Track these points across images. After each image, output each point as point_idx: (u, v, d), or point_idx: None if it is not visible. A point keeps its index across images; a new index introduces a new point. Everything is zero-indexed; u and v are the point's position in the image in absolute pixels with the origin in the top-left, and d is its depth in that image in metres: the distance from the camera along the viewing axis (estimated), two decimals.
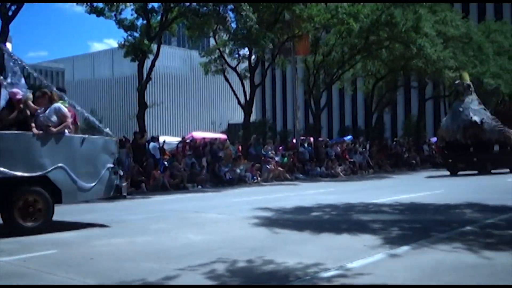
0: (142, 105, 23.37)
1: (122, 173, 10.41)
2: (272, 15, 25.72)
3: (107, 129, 10.60)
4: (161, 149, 22.27)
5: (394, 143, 38.30)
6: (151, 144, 21.89)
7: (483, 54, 39.41)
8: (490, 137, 25.22)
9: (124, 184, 10.36)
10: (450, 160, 25.64)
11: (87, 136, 9.95)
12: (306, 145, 30.39)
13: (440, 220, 9.74)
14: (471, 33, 37.83)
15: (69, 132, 9.49)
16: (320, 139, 33.14)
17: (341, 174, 28.10)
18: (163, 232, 9.01)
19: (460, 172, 25.43)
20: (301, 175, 26.52)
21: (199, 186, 21.31)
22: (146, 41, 22.59)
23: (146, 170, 20.35)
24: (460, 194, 14.96)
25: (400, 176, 27.14)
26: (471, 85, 27.22)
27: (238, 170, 23.47)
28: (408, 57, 31.28)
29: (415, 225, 9.20)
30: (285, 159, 27.22)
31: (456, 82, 27.94)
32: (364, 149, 32.68)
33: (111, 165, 9.95)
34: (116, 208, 13.29)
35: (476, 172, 25.19)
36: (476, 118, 25.30)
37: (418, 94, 46.66)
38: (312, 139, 31.88)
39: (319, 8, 27.19)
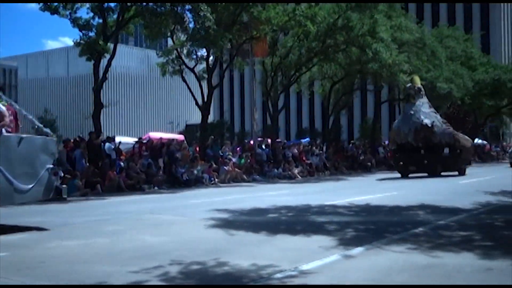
0: (98, 105, 23.03)
1: (62, 174, 10.10)
2: (230, 17, 25.72)
3: (47, 129, 10.25)
4: (117, 150, 21.99)
5: (351, 145, 38.79)
6: (107, 145, 21.59)
7: (436, 59, 40.35)
8: (440, 140, 25.42)
9: (64, 186, 10.05)
10: (401, 163, 25.72)
11: (25, 135, 9.51)
12: (263, 146, 30.49)
13: (393, 222, 9.91)
14: (425, 38, 38.67)
15: (8, 132, 9.11)
16: (277, 140, 33.34)
17: (298, 175, 28.27)
18: (118, 234, 8.90)
19: (411, 175, 25.63)
20: (258, 177, 26.54)
21: (156, 187, 21.12)
22: (101, 42, 22.23)
23: (101, 171, 20.06)
24: (414, 196, 15.26)
25: (356, 178, 27.51)
26: (422, 89, 27.42)
27: (195, 171, 23.33)
28: (364, 61, 31.71)
29: (370, 227, 9.33)
30: (243, 160, 27.23)
31: (408, 85, 27.77)
32: (321, 151, 33.01)
33: (51, 166, 9.54)
34: (69, 210, 13.06)
35: (426, 174, 25.50)
36: (427, 121, 25.42)
37: (374, 97, 47.33)
38: (269, 140, 32.00)
39: (277, 10, 27.35)
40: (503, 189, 17.11)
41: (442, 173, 25.58)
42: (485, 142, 60.70)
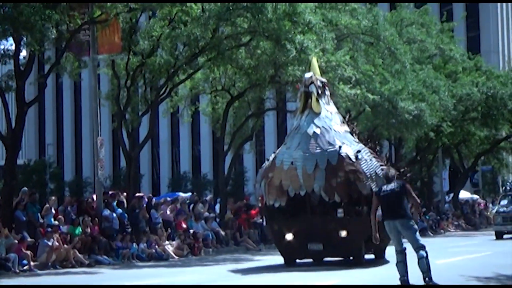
0: None
1: None
2: None
3: None
4: None
5: None
6: None
7: (397, 62, 41.20)
8: (371, 188, 21.69)
9: None
10: (292, 236, 22.31)
11: None
12: (114, 205, 30.13)
13: None
14: (379, 28, 39.29)
15: None
16: (138, 195, 32.99)
17: (173, 254, 28.70)
18: None
19: (300, 260, 23.31)
20: (105, 257, 26.62)
21: None
22: None
23: None
24: None
25: (267, 257, 27.61)
26: (327, 85, 24.54)
27: None
28: (282, 62, 31.97)
29: None
30: (79, 229, 27.03)
31: (307, 76, 23.64)
32: (211, 212, 32.96)
33: None
34: None
35: (339, 259, 23.23)
36: (347, 150, 22.21)
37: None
38: (125, 195, 31.73)
39: None
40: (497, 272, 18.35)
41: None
42: (476, 196, 62.69)
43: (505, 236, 36.70)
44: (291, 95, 41.11)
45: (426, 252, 14.90)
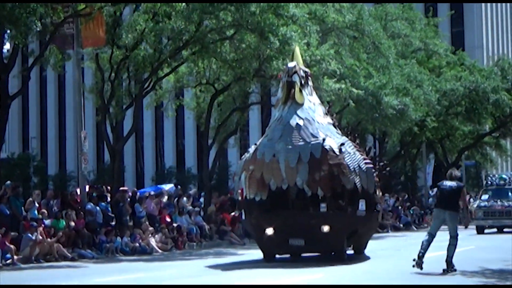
0: None
1: None
2: None
3: None
4: None
5: None
6: None
7: (381, 56, 41.09)
8: (355, 184, 21.45)
9: None
10: (273, 231, 21.48)
11: None
12: (98, 199, 30.02)
13: None
14: (363, 23, 39.11)
15: None
16: (122, 189, 32.81)
17: (157, 247, 28.56)
18: None
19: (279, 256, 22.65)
20: (88, 251, 26.42)
21: None
22: None
23: None
24: None
25: (249, 251, 27.65)
26: (310, 75, 23.86)
27: None
28: (267, 56, 31.86)
29: None
30: (62, 223, 26.80)
31: (290, 65, 22.40)
32: (196, 206, 32.90)
33: None
34: None
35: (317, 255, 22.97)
36: (331, 142, 21.39)
37: None
38: (109, 189, 31.69)
39: None
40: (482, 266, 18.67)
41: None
42: None
43: (486, 230, 36.80)
44: (276, 89, 40.99)
45: (457, 241, 18.70)
